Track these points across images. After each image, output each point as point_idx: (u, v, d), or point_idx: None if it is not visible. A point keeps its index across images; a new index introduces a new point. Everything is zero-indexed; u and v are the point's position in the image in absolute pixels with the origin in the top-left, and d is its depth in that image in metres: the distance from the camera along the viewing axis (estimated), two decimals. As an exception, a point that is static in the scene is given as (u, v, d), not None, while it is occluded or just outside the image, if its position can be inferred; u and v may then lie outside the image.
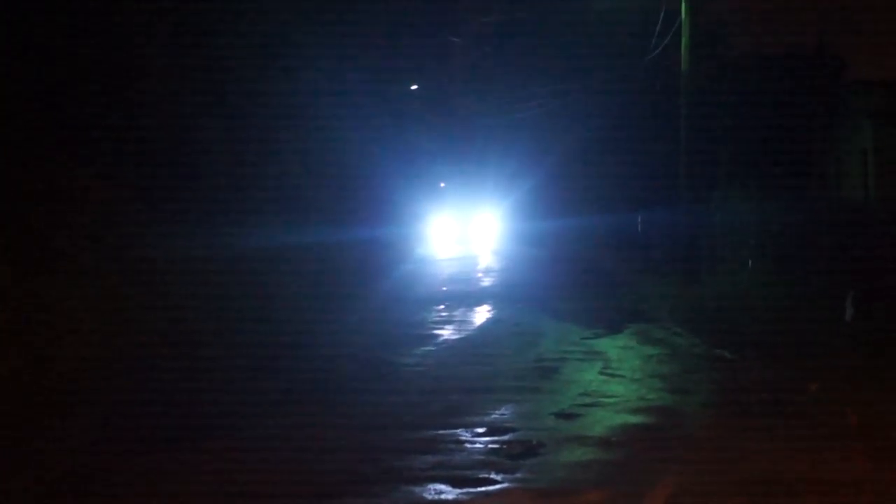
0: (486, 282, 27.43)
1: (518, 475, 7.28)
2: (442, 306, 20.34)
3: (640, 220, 27.68)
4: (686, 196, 20.73)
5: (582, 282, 24.45)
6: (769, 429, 8.63)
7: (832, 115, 23.59)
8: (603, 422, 9.01)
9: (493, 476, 7.24)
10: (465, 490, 6.92)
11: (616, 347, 13.95)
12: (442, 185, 50.74)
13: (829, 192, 23.13)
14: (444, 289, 25.37)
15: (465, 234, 45.74)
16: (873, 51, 22.46)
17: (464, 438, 8.46)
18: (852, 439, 8.19)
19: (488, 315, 18.84)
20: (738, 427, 8.80)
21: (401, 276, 29.10)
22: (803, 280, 16.86)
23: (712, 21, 25.15)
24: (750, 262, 19.80)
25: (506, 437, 8.43)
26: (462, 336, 15.88)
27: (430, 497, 6.77)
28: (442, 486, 6.99)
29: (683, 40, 20.76)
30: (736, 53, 27.40)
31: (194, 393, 10.69)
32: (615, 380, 11.35)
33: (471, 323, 17.72)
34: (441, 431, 8.68)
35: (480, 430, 8.72)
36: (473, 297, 22.19)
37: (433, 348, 14.45)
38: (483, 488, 6.95)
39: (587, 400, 10.08)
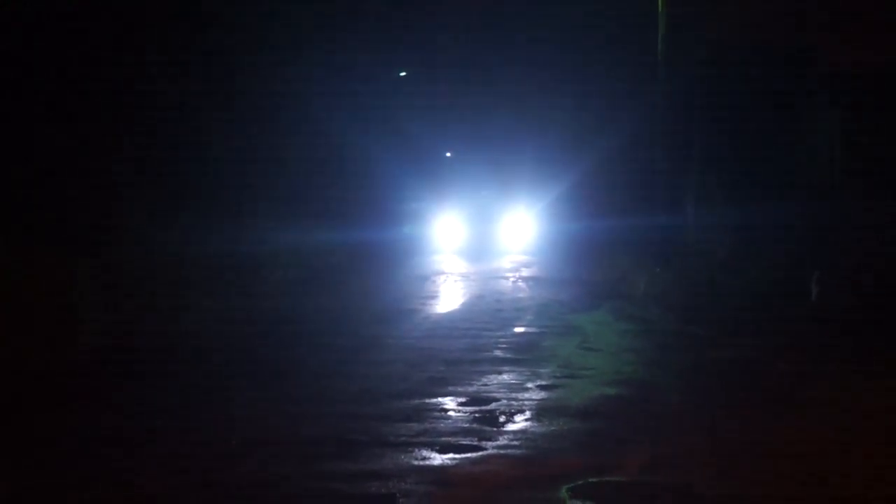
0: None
1: (501, 442, 7.26)
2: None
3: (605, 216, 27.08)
4: (661, 184, 20.74)
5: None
6: (739, 400, 8.66)
7: (802, 106, 23.54)
8: (581, 393, 8.99)
9: (477, 443, 7.21)
10: (450, 456, 6.89)
11: (593, 323, 13.95)
12: (448, 154, 36.29)
13: (799, 180, 23.12)
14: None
15: (484, 242, 28.47)
16: (843, 43, 22.35)
17: (448, 407, 8.44)
18: (816, 409, 8.22)
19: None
20: (709, 399, 8.81)
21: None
22: (772, 263, 16.90)
23: (687, 12, 24.96)
24: (719, 248, 19.80)
25: (489, 407, 8.41)
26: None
27: (416, 462, 6.73)
28: (428, 453, 6.96)
29: (660, 30, 20.68)
30: (708, 45, 27.17)
31: (190, 363, 10.70)
32: (593, 353, 11.34)
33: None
34: (426, 400, 8.65)
35: (464, 400, 8.69)
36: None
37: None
38: (468, 455, 6.92)
39: (566, 372, 10.07)
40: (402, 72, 31.33)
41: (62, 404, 8.52)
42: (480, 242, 28.73)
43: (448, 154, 36.84)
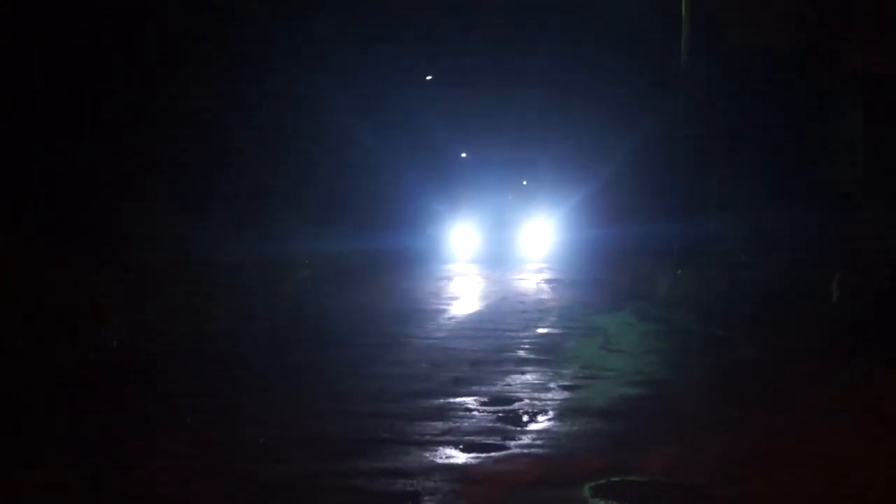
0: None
1: (524, 442, 7.22)
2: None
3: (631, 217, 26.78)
4: (682, 188, 20.63)
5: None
6: (760, 402, 8.57)
7: (823, 108, 23.37)
8: (603, 393, 8.94)
9: (500, 442, 7.18)
10: (473, 455, 6.85)
11: (616, 324, 13.88)
12: (463, 155, 33.41)
13: (820, 182, 22.97)
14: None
15: (505, 248, 27.00)
16: (863, 45, 22.16)
17: (472, 407, 8.40)
18: (838, 411, 8.12)
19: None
20: (730, 400, 8.73)
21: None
22: (793, 266, 16.78)
23: (709, 14, 24.76)
24: (742, 255, 19.68)
25: (513, 407, 8.37)
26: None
27: (440, 461, 6.70)
28: (452, 451, 6.93)
29: (683, 35, 20.55)
30: (728, 48, 26.94)
31: (215, 361, 10.73)
32: (615, 354, 11.28)
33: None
34: (450, 400, 8.62)
35: (488, 400, 8.66)
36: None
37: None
38: (491, 454, 6.88)
39: (588, 372, 10.01)
40: (427, 76, 31.28)
41: (86, 402, 8.56)
42: (501, 248, 27.99)
43: (463, 155, 34.11)
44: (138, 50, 14.91)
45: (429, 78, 31.29)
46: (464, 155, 33.91)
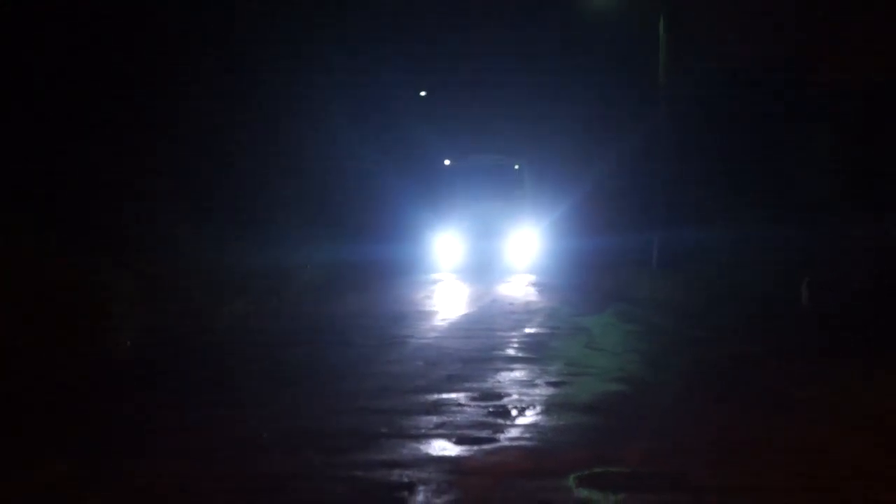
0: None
1: (513, 435, 7.52)
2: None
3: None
4: (664, 200, 21.04)
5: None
6: (735, 398, 8.87)
7: (795, 122, 23.73)
8: (588, 389, 9.25)
9: (491, 435, 7.48)
10: (465, 447, 7.15)
11: (600, 325, 14.19)
12: (447, 162, 31.20)
13: (793, 193, 23.34)
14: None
15: (491, 257, 26.76)
16: (835, 61, 22.55)
17: (464, 402, 8.71)
18: (807, 405, 8.44)
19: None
20: (707, 396, 9.03)
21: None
22: (767, 271, 17.22)
23: (689, 31, 25.08)
24: (719, 258, 20.04)
25: (502, 402, 8.69)
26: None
27: (434, 453, 7.00)
28: (445, 444, 7.24)
29: (661, 57, 20.93)
30: (704, 66, 27.15)
31: (218, 361, 10.99)
32: (598, 353, 11.60)
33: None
34: (444, 395, 8.93)
35: (479, 395, 8.97)
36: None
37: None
38: (482, 446, 7.19)
39: (573, 370, 10.33)
40: (418, 82, 31.43)
41: (94, 400, 8.79)
42: (488, 256, 27.88)
43: (446, 162, 31.86)
44: (138, 50, 15.06)
45: (423, 94, 31.34)
46: (447, 162, 33.47)
